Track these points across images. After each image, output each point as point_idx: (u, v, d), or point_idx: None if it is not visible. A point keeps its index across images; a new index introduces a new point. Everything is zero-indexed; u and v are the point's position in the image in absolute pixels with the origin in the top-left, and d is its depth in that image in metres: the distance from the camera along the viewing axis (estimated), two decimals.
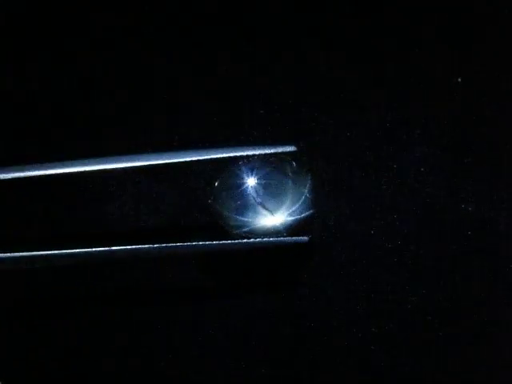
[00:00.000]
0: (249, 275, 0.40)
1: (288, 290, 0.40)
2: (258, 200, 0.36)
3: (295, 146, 0.35)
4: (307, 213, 0.37)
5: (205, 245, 0.34)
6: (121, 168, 0.34)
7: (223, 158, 0.35)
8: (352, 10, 0.45)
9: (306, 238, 0.36)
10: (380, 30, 0.44)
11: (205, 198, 0.37)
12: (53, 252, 0.32)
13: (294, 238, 0.36)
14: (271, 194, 0.36)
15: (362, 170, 0.42)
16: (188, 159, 0.34)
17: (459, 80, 0.43)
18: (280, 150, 0.36)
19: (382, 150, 0.42)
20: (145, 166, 0.34)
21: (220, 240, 0.34)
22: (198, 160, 0.34)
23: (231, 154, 0.35)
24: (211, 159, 0.35)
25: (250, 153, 0.35)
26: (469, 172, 0.42)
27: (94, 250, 0.32)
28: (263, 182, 0.36)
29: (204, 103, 0.44)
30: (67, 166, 0.34)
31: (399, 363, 0.39)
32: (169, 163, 0.34)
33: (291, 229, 0.36)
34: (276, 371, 0.39)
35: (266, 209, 0.36)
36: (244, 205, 0.36)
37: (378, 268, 0.40)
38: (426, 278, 0.40)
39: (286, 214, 0.36)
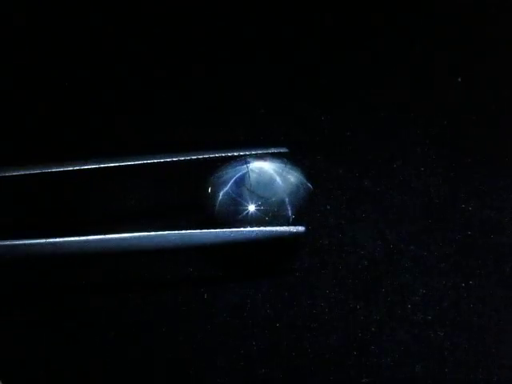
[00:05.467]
0: (246, 264, 0.40)
1: (285, 280, 0.40)
2: (255, 191, 0.36)
3: (287, 147, 0.36)
4: (304, 203, 0.37)
5: (202, 234, 0.34)
6: (121, 166, 0.34)
7: (218, 158, 0.35)
8: (353, 9, 0.45)
9: (303, 228, 0.36)
10: (380, 30, 0.44)
11: (203, 190, 0.37)
12: (56, 240, 0.32)
13: (291, 227, 0.36)
14: (268, 184, 0.36)
15: (362, 169, 0.42)
16: (182, 158, 0.34)
17: (459, 80, 0.43)
18: (272, 151, 0.36)
19: (382, 150, 0.42)
20: (146, 164, 0.34)
21: (217, 229, 0.35)
22: (194, 159, 0.35)
23: (225, 154, 0.36)
24: (207, 158, 0.35)
25: (243, 153, 0.36)
26: (469, 172, 0.42)
27: (92, 238, 0.32)
28: (261, 174, 0.36)
29: (203, 103, 0.44)
30: (69, 165, 0.34)
31: (399, 363, 0.39)
32: (168, 161, 0.34)
33: (288, 219, 0.36)
34: (273, 366, 0.39)
35: (264, 199, 0.36)
36: (241, 195, 0.36)
37: (378, 268, 0.40)
38: (426, 277, 0.40)
39: (283, 204, 0.36)
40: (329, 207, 0.41)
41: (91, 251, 0.33)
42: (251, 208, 0.36)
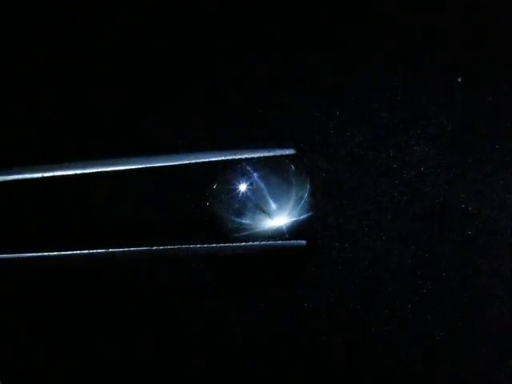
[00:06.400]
0: (247, 278, 0.40)
1: (287, 292, 0.40)
2: (257, 203, 0.35)
3: (294, 149, 0.36)
4: (306, 216, 0.37)
5: (203, 248, 0.34)
6: (121, 170, 0.34)
7: (222, 160, 0.35)
8: (352, 10, 0.45)
9: (303, 242, 0.35)
10: (380, 30, 0.44)
11: (203, 201, 0.37)
12: (52, 254, 0.32)
13: (292, 241, 0.35)
14: (269, 196, 0.36)
15: (362, 169, 0.42)
16: (187, 162, 0.34)
17: (459, 80, 0.43)
18: (279, 153, 0.36)
19: (382, 150, 0.42)
20: (145, 168, 0.34)
21: (218, 243, 0.34)
22: (197, 163, 0.34)
23: (230, 157, 0.35)
24: (210, 162, 0.35)
25: (249, 156, 0.35)
26: (469, 172, 0.42)
27: (92, 251, 0.32)
28: (261, 184, 0.36)
29: (204, 104, 0.44)
30: (69, 168, 0.34)
31: (399, 363, 0.39)
32: (168, 166, 0.34)
33: (289, 232, 0.36)
34: (273, 368, 0.39)
35: (264, 212, 0.36)
36: (242, 208, 0.36)
37: (378, 268, 0.40)
38: (426, 277, 0.40)
39: (285, 217, 0.36)
40: (329, 207, 0.41)
41: (91, 264, 0.33)
42: (253, 221, 0.36)
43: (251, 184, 0.36)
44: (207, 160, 0.35)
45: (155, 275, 0.40)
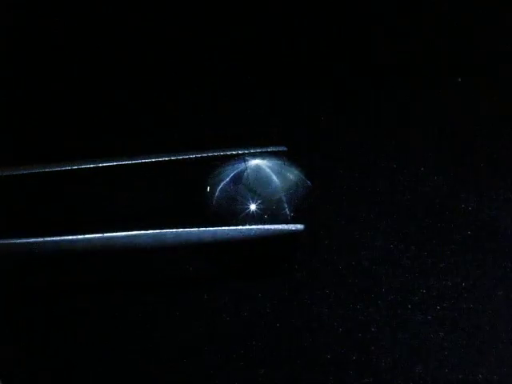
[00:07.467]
0: (245, 263, 0.40)
1: (285, 278, 0.40)
2: (254, 189, 0.36)
3: (286, 146, 0.36)
4: (303, 202, 0.37)
5: (200, 232, 0.34)
6: (120, 165, 0.34)
7: (217, 156, 0.35)
8: (352, 11, 0.45)
9: (301, 226, 0.36)
10: (380, 31, 0.44)
11: (202, 191, 0.37)
12: (55, 238, 0.32)
13: (290, 225, 0.36)
14: (266, 183, 0.36)
15: (362, 169, 0.42)
16: (182, 157, 0.34)
17: (459, 80, 0.43)
18: (271, 149, 0.36)
19: (382, 150, 0.42)
20: (145, 163, 0.34)
21: (215, 227, 0.35)
22: (194, 157, 0.35)
23: (224, 153, 0.36)
24: (205, 157, 0.35)
25: (241, 152, 0.36)
26: (469, 172, 0.42)
27: (91, 236, 0.32)
28: (259, 172, 0.36)
29: (203, 102, 0.44)
30: (69, 165, 0.34)
31: (399, 363, 0.39)
32: (167, 160, 0.34)
33: (287, 217, 0.36)
34: (273, 368, 0.39)
35: (262, 197, 0.36)
36: (240, 194, 0.36)
37: (378, 268, 0.40)
38: (426, 277, 0.40)
39: (282, 202, 0.36)
40: (329, 207, 0.41)
41: (89, 250, 0.33)
42: (250, 206, 0.36)
43: (249, 171, 0.36)
44: (203, 156, 0.35)
45: (153, 260, 0.40)
